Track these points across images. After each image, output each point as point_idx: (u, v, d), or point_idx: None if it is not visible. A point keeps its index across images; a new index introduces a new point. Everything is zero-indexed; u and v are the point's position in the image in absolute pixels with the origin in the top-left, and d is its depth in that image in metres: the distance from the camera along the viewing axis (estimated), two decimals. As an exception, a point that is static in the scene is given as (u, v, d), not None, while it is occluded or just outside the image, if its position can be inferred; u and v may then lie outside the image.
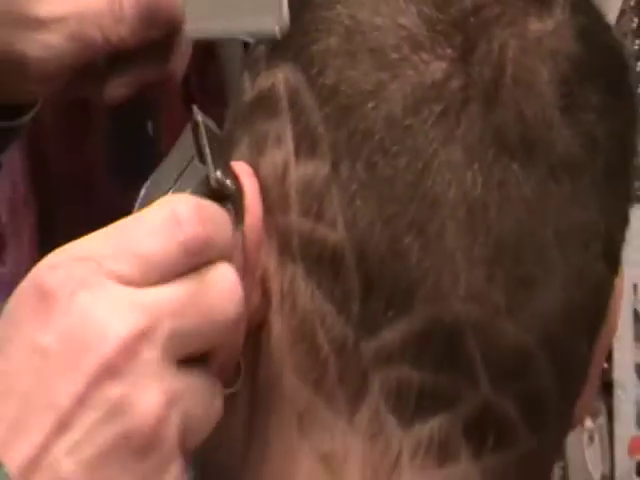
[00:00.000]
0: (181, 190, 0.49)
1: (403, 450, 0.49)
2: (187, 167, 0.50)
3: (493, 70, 0.48)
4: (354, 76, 0.49)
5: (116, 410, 0.42)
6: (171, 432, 0.43)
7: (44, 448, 0.42)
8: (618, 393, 1.38)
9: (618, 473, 1.33)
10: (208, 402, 0.46)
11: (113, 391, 0.42)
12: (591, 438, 1.37)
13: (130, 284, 0.44)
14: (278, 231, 0.50)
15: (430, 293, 0.48)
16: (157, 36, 0.76)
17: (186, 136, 0.52)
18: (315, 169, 0.49)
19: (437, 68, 0.48)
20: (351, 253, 0.48)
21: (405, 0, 0.49)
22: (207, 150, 0.50)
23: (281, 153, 0.50)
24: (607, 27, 0.56)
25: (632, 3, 1.52)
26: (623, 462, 1.33)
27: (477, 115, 0.48)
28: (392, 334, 0.48)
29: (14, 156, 0.97)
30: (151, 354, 0.43)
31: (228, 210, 0.48)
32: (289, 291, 0.49)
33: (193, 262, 0.45)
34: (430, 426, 0.49)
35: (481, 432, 0.49)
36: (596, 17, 0.54)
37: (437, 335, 0.48)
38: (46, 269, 0.45)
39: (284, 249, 0.49)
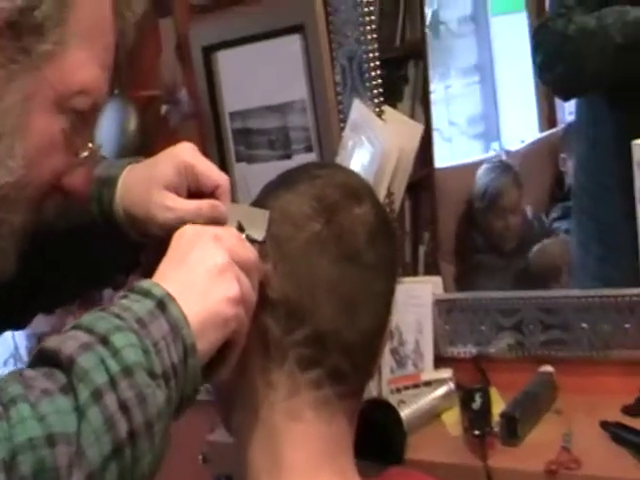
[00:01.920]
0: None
1: (302, 382, 1.03)
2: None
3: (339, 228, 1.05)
4: None
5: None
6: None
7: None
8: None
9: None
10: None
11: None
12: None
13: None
14: None
15: (311, 319, 1.03)
16: None
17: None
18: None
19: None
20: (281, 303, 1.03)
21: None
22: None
23: None
24: (387, 212, 1.24)
25: None
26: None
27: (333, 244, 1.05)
28: (297, 335, 1.02)
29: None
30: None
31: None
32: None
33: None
34: (314, 373, 1.03)
35: (335, 376, 1.03)
36: (381, 207, 1.13)
37: (316, 336, 1.02)
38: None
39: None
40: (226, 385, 1.07)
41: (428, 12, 2.47)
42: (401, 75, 2.29)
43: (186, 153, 1.11)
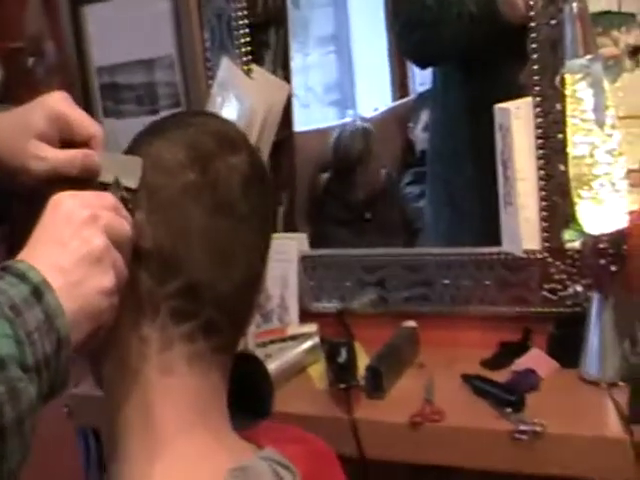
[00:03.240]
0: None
1: (175, 336, 0.95)
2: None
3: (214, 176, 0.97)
4: None
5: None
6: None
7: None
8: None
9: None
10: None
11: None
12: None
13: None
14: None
15: (184, 270, 0.94)
16: None
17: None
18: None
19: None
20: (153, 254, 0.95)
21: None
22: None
23: None
24: (263, 163, 1.07)
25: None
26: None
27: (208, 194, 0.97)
28: (170, 287, 0.94)
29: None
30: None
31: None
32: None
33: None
34: (187, 325, 0.95)
35: (209, 329, 0.96)
36: (258, 156, 1.05)
37: (189, 288, 0.94)
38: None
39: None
40: None
41: (287, -19, 2.40)
42: (263, 40, 2.18)
43: (59, 102, 1.02)
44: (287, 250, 1.89)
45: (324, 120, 2.73)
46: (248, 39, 1.93)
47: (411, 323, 1.76)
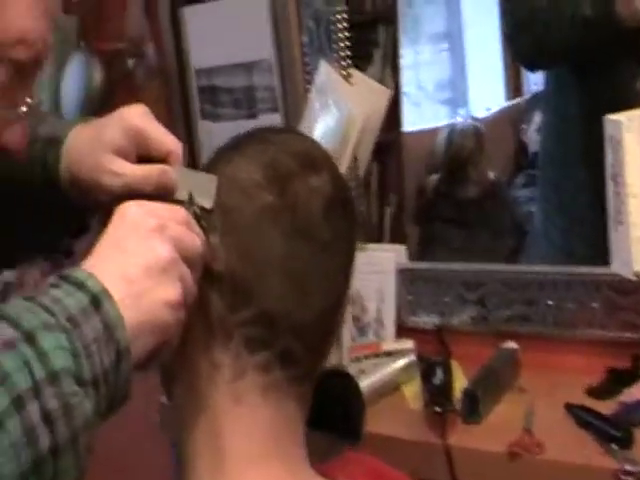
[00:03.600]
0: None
1: (248, 365, 0.89)
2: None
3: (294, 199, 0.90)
4: None
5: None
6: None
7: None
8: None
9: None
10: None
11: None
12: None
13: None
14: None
15: (259, 297, 0.88)
16: None
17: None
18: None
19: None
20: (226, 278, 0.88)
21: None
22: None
23: None
24: (347, 184, 1.01)
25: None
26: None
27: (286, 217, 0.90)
28: (244, 314, 0.88)
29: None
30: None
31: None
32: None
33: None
34: (262, 354, 0.89)
35: (285, 359, 0.89)
36: (341, 178, 0.97)
37: (264, 315, 0.88)
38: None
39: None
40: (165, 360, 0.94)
41: (400, -22, 2.38)
42: (371, 39, 2.18)
43: (137, 117, 0.97)
44: (384, 262, 1.83)
45: (435, 119, 2.67)
46: (348, 43, 1.87)
47: (511, 344, 1.68)
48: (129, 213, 0.83)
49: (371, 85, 1.90)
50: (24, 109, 0.90)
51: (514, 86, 2.54)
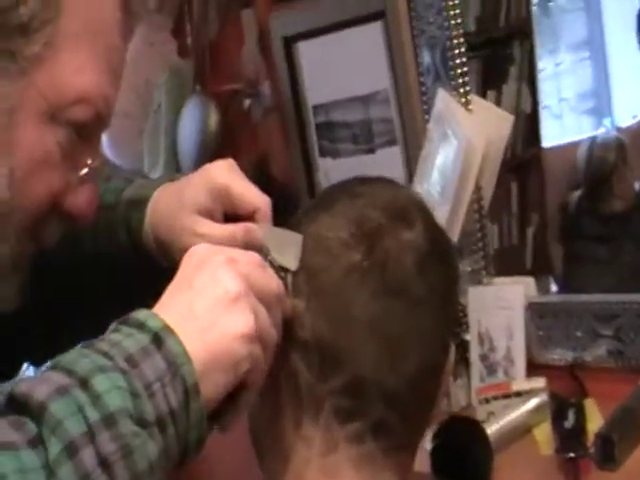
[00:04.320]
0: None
1: (340, 437, 0.84)
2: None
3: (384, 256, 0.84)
4: None
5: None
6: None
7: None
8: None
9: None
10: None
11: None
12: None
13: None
14: None
15: (349, 364, 0.83)
16: None
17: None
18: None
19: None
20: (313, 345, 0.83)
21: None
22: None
23: None
24: (444, 234, 0.93)
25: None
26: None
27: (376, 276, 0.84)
28: (334, 383, 0.83)
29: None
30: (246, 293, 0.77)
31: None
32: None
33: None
34: (355, 426, 0.83)
35: (379, 429, 0.84)
36: (437, 228, 0.90)
37: (354, 384, 0.82)
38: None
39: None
40: (256, 428, 0.90)
41: (535, -11, 2.31)
42: (506, 55, 2.13)
43: (220, 173, 0.94)
44: (512, 297, 1.75)
45: (578, 130, 2.56)
46: (465, 69, 1.80)
47: (651, 381, 1.58)
48: (197, 251, 0.80)
49: (492, 110, 1.83)
50: (86, 170, 0.87)
51: (663, 92, 2.43)
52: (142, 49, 2.21)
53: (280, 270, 0.85)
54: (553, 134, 2.33)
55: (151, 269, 1.00)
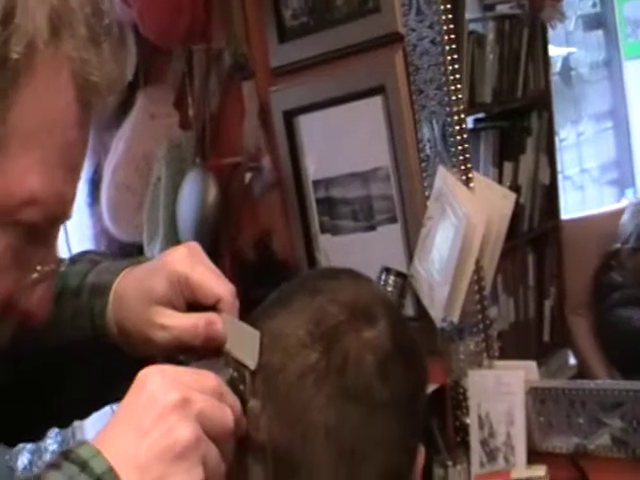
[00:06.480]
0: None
1: None
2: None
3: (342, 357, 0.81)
4: None
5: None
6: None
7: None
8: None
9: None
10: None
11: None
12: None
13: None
14: None
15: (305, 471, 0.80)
16: None
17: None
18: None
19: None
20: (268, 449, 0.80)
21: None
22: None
23: None
24: (409, 332, 0.89)
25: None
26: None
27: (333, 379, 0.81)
28: None
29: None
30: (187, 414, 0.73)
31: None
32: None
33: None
34: None
35: None
36: (403, 325, 0.88)
37: None
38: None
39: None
40: None
41: (558, 59, 2.39)
42: (524, 126, 2.14)
43: (179, 260, 0.91)
44: (513, 382, 1.72)
45: (601, 201, 2.62)
46: (466, 145, 1.80)
47: (656, 472, 1.55)
48: (149, 383, 0.76)
49: (493, 188, 1.82)
50: (38, 271, 0.83)
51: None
52: (143, 121, 2.23)
53: (239, 365, 0.83)
54: (574, 205, 2.37)
55: (116, 356, 0.99)
